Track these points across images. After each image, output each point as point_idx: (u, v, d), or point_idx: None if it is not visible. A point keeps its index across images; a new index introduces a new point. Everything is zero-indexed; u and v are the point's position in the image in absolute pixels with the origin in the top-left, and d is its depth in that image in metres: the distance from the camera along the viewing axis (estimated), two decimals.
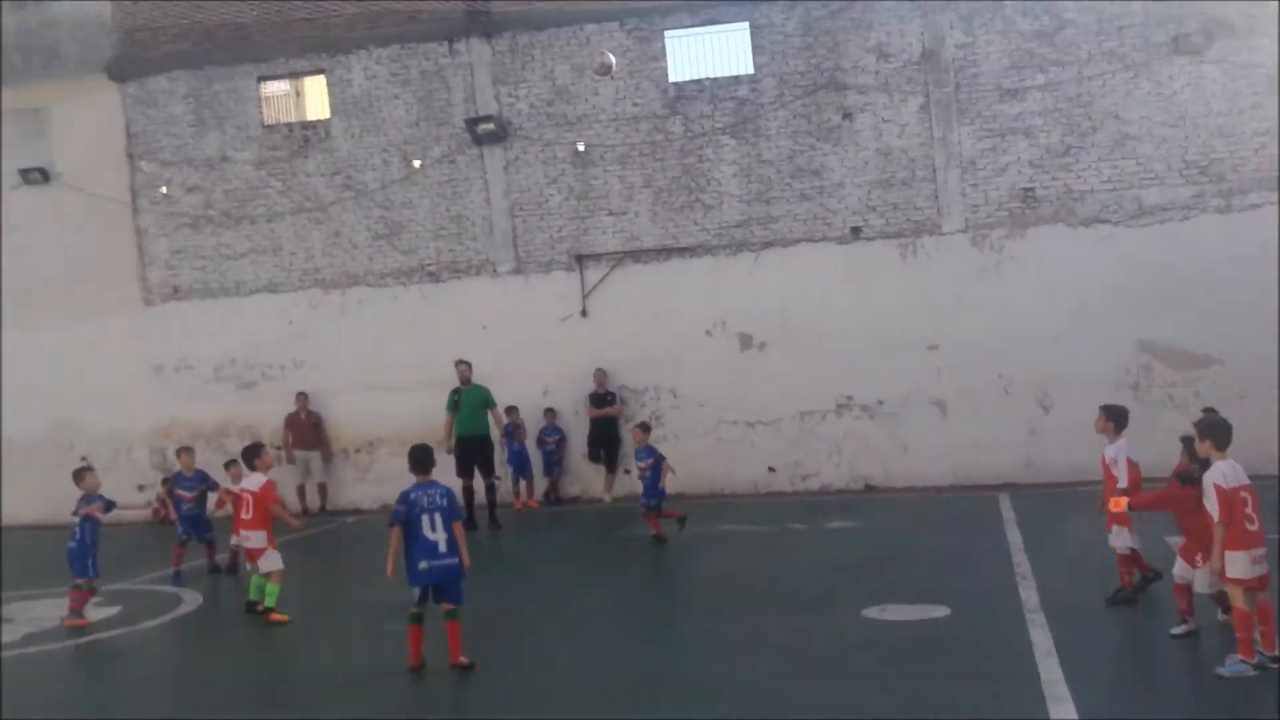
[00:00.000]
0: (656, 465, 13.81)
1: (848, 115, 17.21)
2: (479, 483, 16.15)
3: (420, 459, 8.43)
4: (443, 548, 8.04)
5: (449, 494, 8.31)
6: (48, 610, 11.73)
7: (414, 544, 8.12)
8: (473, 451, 16.04)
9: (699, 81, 17.72)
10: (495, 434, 16.72)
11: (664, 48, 17.79)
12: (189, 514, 13.80)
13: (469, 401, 16.08)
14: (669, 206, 17.83)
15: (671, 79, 17.78)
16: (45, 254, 20.09)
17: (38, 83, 19.94)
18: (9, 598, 12.66)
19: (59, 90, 19.91)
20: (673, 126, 17.76)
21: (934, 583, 10.51)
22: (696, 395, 17.75)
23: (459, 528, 8.25)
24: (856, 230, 17.24)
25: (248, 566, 11.46)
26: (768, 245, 17.51)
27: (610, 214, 18.04)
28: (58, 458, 19.93)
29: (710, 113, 17.64)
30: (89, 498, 11.35)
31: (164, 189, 19.64)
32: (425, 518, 8.03)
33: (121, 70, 19.68)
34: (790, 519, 15.01)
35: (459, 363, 16.45)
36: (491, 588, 11.85)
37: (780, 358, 17.43)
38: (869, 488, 17.13)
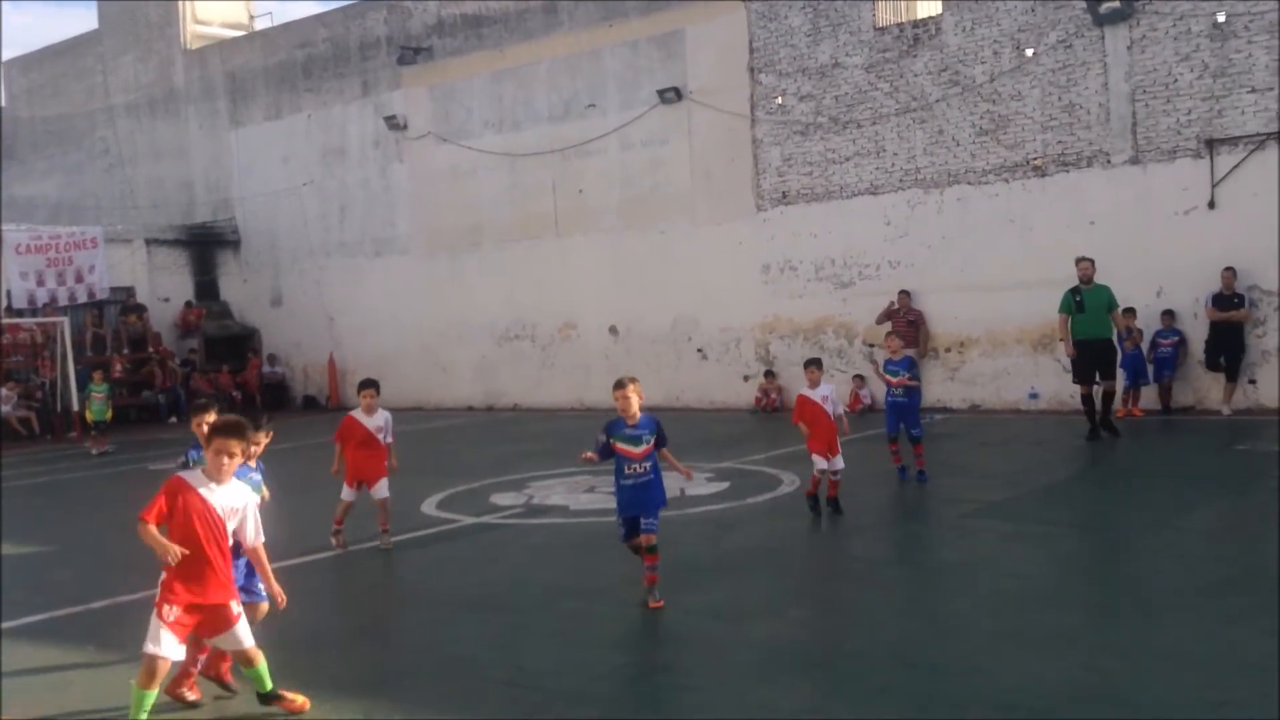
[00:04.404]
0: None
1: None
2: (1097, 391, 14.70)
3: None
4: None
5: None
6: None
7: None
8: (1095, 356, 14.39)
9: None
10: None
11: None
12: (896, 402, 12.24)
13: (1092, 302, 14.35)
14: None
15: None
16: (676, 167, 22.02)
17: (676, 8, 21.82)
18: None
19: (693, 14, 21.61)
20: None
21: None
22: None
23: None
24: None
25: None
26: None
27: (1253, 91, 15.83)
28: (678, 349, 22.00)
29: None
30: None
31: (779, 100, 20.58)
32: None
33: None
34: None
35: (1080, 260, 14.62)
36: (1100, 499, 11.17)
37: None
38: None
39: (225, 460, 5.63)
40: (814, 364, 10.50)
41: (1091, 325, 14.34)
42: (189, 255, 29.08)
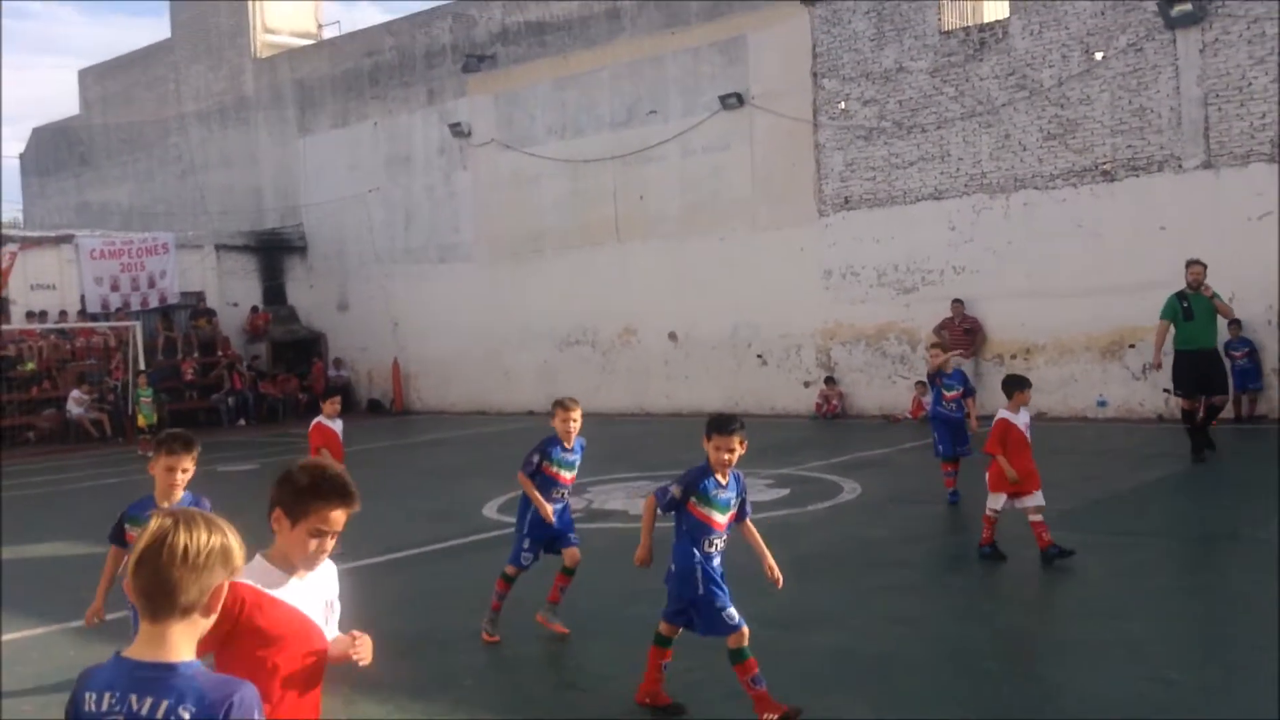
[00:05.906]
0: None
1: None
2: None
3: None
4: None
5: None
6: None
7: None
8: (1203, 368, 13.27)
9: None
10: None
11: None
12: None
13: (1202, 310, 13.21)
14: None
15: None
16: (737, 172, 22.00)
17: (739, 13, 21.82)
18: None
19: (755, 19, 21.60)
20: None
21: None
22: None
23: None
24: None
25: None
26: None
27: None
28: (738, 355, 21.98)
29: None
30: None
31: (842, 104, 20.49)
32: None
33: None
34: None
35: (1192, 263, 13.39)
36: (1169, 509, 11.04)
37: None
38: None
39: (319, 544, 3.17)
40: (1026, 385, 9.21)
41: (1199, 335, 13.22)
42: (257, 261, 29.62)
